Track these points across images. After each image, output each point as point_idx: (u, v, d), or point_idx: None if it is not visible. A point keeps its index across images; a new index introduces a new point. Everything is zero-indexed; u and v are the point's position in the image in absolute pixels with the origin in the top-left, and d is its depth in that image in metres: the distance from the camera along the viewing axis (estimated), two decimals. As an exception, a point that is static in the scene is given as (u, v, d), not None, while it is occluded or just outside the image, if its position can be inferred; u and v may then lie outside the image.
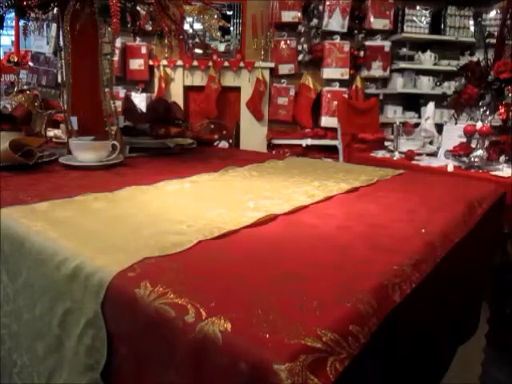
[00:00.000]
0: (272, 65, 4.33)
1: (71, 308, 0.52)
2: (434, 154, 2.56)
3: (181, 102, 4.03)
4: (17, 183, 0.92)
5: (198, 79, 4.30)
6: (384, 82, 4.58)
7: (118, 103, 1.67)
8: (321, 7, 4.28)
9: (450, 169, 2.09)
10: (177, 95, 4.21)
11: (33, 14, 1.24)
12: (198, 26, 1.76)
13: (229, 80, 4.33)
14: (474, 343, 0.89)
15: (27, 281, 0.60)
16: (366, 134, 3.73)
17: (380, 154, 2.73)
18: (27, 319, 0.60)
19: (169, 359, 0.42)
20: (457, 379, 0.83)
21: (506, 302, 0.99)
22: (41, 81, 4.17)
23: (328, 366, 0.36)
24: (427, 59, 4.35)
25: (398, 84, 4.36)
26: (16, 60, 2.36)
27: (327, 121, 4.38)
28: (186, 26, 1.61)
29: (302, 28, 4.31)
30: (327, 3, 4.23)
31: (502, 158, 2.07)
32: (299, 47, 4.36)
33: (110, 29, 1.21)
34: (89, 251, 0.55)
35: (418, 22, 4.37)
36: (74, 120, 1.23)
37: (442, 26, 4.38)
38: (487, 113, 2.26)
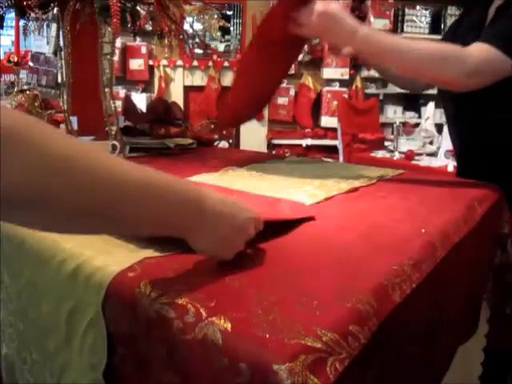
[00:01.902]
0: (272, 65, 4.33)
1: (75, 307, 0.52)
2: (434, 154, 2.57)
3: (181, 102, 4.03)
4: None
5: (198, 79, 4.30)
6: (384, 82, 4.57)
7: (118, 103, 1.67)
8: (321, 7, 4.28)
9: (450, 169, 2.09)
10: (177, 95, 4.21)
11: (33, 14, 1.24)
12: (198, 26, 1.76)
13: (229, 80, 4.33)
14: (474, 343, 0.89)
15: (30, 280, 0.60)
16: (366, 134, 3.73)
17: (380, 153, 2.73)
18: (33, 317, 0.60)
19: (169, 359, 0.42)
20: (457, 379, 0.83)
21: (506, 302, 0.99)
22: (41, 81, 4.17)
23: (328, 366, 0.36)
24: (427, 59, 4.34)
25: (398, 84, 4.35)
26: (16, 60, 2.36)
27: (327, 121, 4.38)
28: (186, 26, 1.61)
29: (301, 28, 4.30)
30: (327, 3, 4.23)
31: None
32: (299, 47, 4.35)
33: (109, 29, 1.21)
34: (89, 251, 0.55)
35: (418, 22, 4.37)
36: (74, 120, 1.23)
37: (442, 26, 4.38)
38: (487, 113, 2.25)
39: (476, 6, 1.13)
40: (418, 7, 4.37)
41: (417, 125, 3.38)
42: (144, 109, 1.65)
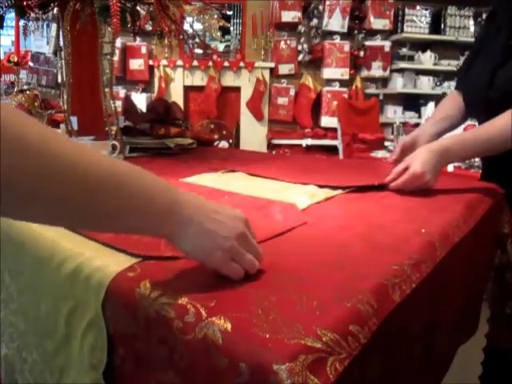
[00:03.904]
0: (272, 65, 4.33)
1: (75, 307, 0.52)
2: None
3: (181, 102, 4.03)
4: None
5: (198, 79, 4.30)
6: (384, 81, 4.58)
7: (118, 103, 1.67)
8: (321, 7, 4.29)
9: (450, 169, 2.09)
10: (177, 95, 4.21)
11: (33, 14, 1.24)
12: (198, 25, 1.76)
13: (229, 80, 4.34)
14: (473, 343, 0.89)
15: (30, 280, 0.60)
16: (365, 134, 3.73)
17: (380, 154, 2.74)
18: (33, 317, 0.60)
19: (169, 359, 0.42)
20: (457, 379, 0.83)
21: (506, 302, 0.99)
22: (41, 81, 4.18)
23: (328, 366, 0.36)
24: (427, 59, 4.35)
25: (398, 84, 4.36)
26: (16, 60, 2.36)
27: (327, 121, 4.38)
28: (186, 26, 1.61)
29: (302, 28, 4.31)
30: (327, 3, 4.23)
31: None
32: (299, 47, 4.36)
33: (110, 29, 1.21)
34: (89, 251, 0.55)
35: (418, 22, 4.37)
36: (74, 120, 1.23)
37: (442, 26, 4.38)
38: (487, 113, 2.25)
39: (502, 9, 1.13)
40: (418, 7, 4.37)
41: (417, 125, 3.38)
42: (144, 109, 1.65)
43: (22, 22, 1.29)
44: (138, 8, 1.30)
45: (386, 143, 3.70)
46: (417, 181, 0.89)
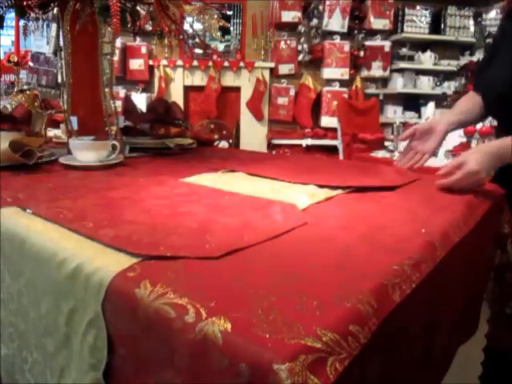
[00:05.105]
0: (272, 65, 4.33)
1: (75, 307, 0.52)
2: (434, 154, 2.56)
3: (181, 102, 4.04)
4: (17, 183, 0.92)
5: (198, 79, 4.30)
6: (384, 82, 4.58)
7: (118, 103, 1.67)
8: (321, 7, 4.29)
9: (450, 169, 2.08)
10: (177, 95, 4.21)
11: (33, 14, 1.24)
12: (198, 25, 1.76)
13: (229, 80, 4.34)
14: (473, 343, 0.89)
15: (30, 280, 0.60)
16: (365, 134, 3.73)
17: (380, 154, 2.74)
18: (34, 317, 0.60)
19: (169, 359, 0.42)
20: (457, 379, 0.83)
21: (505, 302, 0.99)
22: (41, 81, 4.18)
23: (328, 366, 0.36)
24: (427, 59, 4.35)
25: (398, 84, 4.36)
26: (16, 60, 2.36)
27: (327, 121, 4.38)
28: (186, 26, 1.61)
29: (302, 28, 4.31)
30: (327, 3, 4.23)
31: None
32: (299, 47, 4.36)
33: (110, 29, 1.21)
34: (89, 251, 0.55)
35: (418, 22, 4.37)
36: (74, 120, 1.23)
37: (442, 26, 4.39)
38: (487, 113, 2.25)
39: None
40: (418, 7, 4.37)
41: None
42: (144, 109, 1.65)
43: (22, 22, 1.29)
44: (138, 8, 1.30)
45: (386, 143, 3.70)
46: (471, 178, 0.90)
